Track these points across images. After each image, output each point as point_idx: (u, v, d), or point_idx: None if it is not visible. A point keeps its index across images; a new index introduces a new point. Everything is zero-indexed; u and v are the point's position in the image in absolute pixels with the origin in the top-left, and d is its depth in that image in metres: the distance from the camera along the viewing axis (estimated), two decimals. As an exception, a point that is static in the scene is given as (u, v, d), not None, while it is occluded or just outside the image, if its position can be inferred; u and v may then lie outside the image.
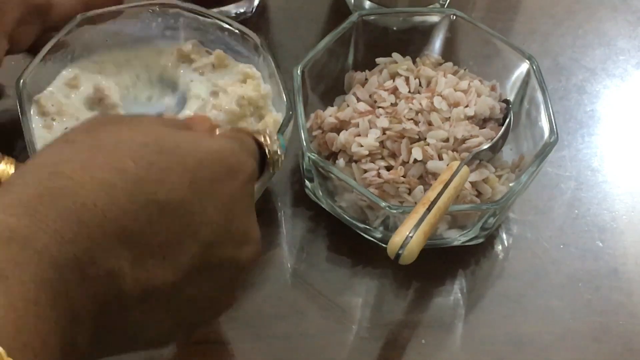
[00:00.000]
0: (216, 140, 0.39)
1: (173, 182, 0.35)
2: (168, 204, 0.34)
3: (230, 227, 0.37)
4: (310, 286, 0.57)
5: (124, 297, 0.33)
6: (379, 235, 0.56)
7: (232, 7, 0.68)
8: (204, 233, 0.36)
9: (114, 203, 0.33)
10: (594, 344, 0.55)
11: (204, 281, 0.37)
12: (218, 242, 0.36)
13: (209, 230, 0.36)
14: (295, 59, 0.58)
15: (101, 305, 0.32)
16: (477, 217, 0.55)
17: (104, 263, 0.32)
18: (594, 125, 0.67)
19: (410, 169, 0.56)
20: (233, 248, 0.38)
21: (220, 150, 0.38)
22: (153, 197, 0.34)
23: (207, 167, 0.36)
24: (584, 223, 0.61)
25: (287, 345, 0.54)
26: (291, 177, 0.62)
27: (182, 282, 0.35)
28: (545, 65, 0.66)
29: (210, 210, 0.36)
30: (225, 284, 0.39)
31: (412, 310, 0.56)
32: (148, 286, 0.34)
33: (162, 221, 0.34)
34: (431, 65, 0.62)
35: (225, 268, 0.38)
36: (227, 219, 0.37)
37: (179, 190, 0.35)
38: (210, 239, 0.36)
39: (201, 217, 0.35)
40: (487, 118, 0.60)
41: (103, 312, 0.32)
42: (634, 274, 0.59)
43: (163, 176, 0.34)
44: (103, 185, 0.33)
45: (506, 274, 0.58)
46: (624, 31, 0.73)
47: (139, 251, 0.33)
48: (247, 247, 0.39)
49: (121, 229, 0.32)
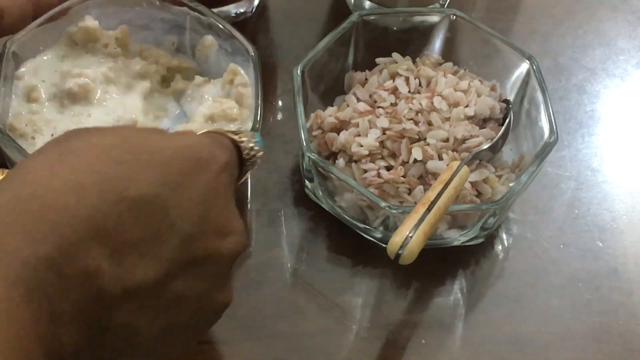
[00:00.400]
0: (187, 136, 0.39)
1: (144, 178, 0.34)
2: (140, 199, 0.34)
3: (208, 218, 0.37)
4: (310, 286, 0.57)
5: (105, 296, 0.33)
6: (379, 235, 0.56)
7: (232, 7, 0.68)
8: (182, 226, 0.35)
9: (85, 203, 0.33)
10: (594, 344, 0.55)
11: (189, 277, 0.36)
12: (198, 234, 0.36)
13: (186, 223, 0.36)
14: (295, 59, 0.58)
15: (82, 305, 0.32)
16: (477, 217, 0.55)
17: (80, 262, 0.32)
18: (594, 125, 0.67)
19: (410, 169, 0.56)
20: (215, 240, 0.37)
21: (189, 145, 0.37)
22: (124, 194, 0.34)
23: (178, 161, 0.36)
24: (584, 223, 0.61)
25: (287, 345, 0.54)
26: (291, 177, 0.62)
27: (165, 278, 0.35)
28: (545, 65, 0.66)
29: (185, 203, 0.36)
30: (214, 279, 0.38)
31: (412, 310, 0.56)
32: (129, 284, 0.34)
33: (136, 217, 0.34)
34: (431, 65, 0.62)
35: (210, 262, 0.37)
36: (204, 210, 0.37)
37: (150, 185, 0.34)
38: (189, 231, 0.36)
39: (176, 211, 0.35)
40: (487, 118, 0.60)
41: (85, 312, 0.32)
42: (634, 274, 0.59)
43: (133, 173, 0.34)
44: (72, 187, 0.33)
45: (506, 274, 0.58)
46: (624, 31, 0.73)
47: (115, 249, 0.33)
48: (229, 238, 0.38)
49: (94, 228, 0.32)
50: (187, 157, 0.37)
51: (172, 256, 0.35)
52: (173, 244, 0.35)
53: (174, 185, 0.35)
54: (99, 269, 0.32)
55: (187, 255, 0.36)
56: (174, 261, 0.35)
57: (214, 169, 0.38)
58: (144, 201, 0.34)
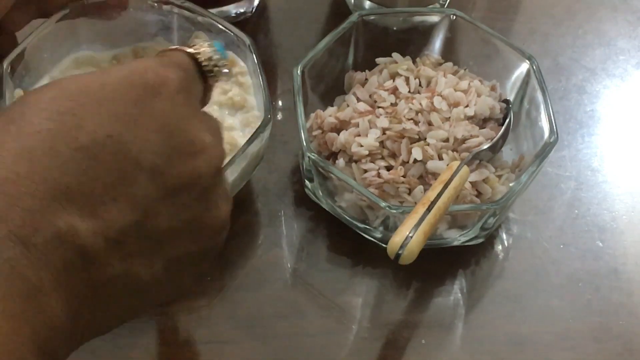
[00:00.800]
0: (127, 65, 0.36)
1: (91, 123, 0.33)
2: (93, 144, 0.32)
3: (173, 142, 0.35)
4: (310, 286, 0.57)
5: (89, 253, 0.32)
6: (379, 235, 0.56)
7: (232, 7, 0.68)
8: (146, 158, 0.34)
9: (37, 165, 0.31)
10: (594, 344, 0.55)
11: (172, 207, 0.35)
12: (165, 163, 0.34)
13: (150, 154, 0.34)
14: (295, 59, 0.58)
15: (66, 270, 0.31)
16: (477, 217, 0.55)
17: (48, 227, 0.30)
18: (594, 125, 0.67)
19: (410, 169, 0.56)
20: (186, 161, 0.35)
21: (133, 72, 0.35)
22: (75, 144, 0.32)
23: (123, 93, 0.34)
24: (584, 223, 0.61)
25: (287, 345, 0.54)
26: (291, 177, 0.62)
27: (145, 216, 0.34)
28: (545, 65, 0.66)
29: (143, 134, 0.34)
30: (201, 201, 0.36)
31: (412, 310, 0.56)
32: (110, 233, 0.32)
33: (95, 164, 0.32)
34: (431, 65, 0.62)
35: (190, 186, 0.35)
36: (165, 135, 0.34)
37: (99, 127, 0.33)
38: (155, 162, 0.34)
39: (135, 145, 0.33)
40: (487, 118, 0.60)
41: (71, 276, 0.31)
42: (634, 274, 0.59)
43: (78, 120, 0.33)
44: (20, 153, 0.31)
45: (506, 274, 0.58)
46: (624, 31, 0.73)
47: (83, 203, 0.32)
48: (202, 156, 0.36)
49: (54, 188, 0.31)
50: (132, 86, 0.35)
51: (145, 192, 0.33)
52: (143, 179, 0.33)
53: (125, 119, 0.33)
54: (72, 228, 0.31)
55: (162, 187, 0.34)
56: (150, 197, 0.34)
57: (165, 91, 0.35)
58: (98, 145, 0.32)
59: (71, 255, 0.31)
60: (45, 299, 0.30)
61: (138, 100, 0.34)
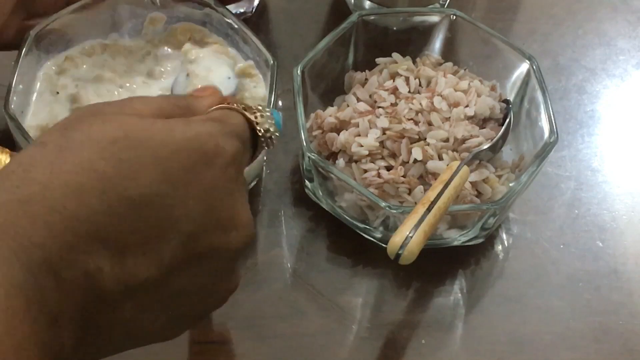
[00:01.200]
0: (193, 126, 0.37)
1: (144, 177, 0.34)
2: (141, 199, 0.33)
3: (213, 215, 0.36)
4: (310, 286, 0.57)
5: (107, 296, 0.33)
6: (379, 235, 0.56)
7: (232, 7, 0.68)
8: (184, 224, 0.35)
9: (84, 204, 0.32)
10: (594, 344, 0.55)
11: (192, 272, 0.36)
12: (200, 231, 0.36)
13: (189, 221, 0.35)
14: (295, 59, 0.58)
15: (83, 307, 0.32)
16: (477, 217, 0.55)
17: (80, 265, 0.32)
18: (594, 125, 0.67)
19: (410, 169, 0.56)
20: (219, 235, 0.37)
21: (195, 137, 0.36)
22: (124, 193, 0.33)
23: (181, 156, 0.35)
24: (584, 223, 0.61)
25: (287, 345, 0.54)
26: (291, 177, 0.62)
27: (168, 275, 0.35)
28: (545, 65, 0.66)
29: (188, 201, 0.35)
30: (219, 272, 0.38)
31: (412, 310, 0.56)
32: (131, 282, 0.33)
33: (137, 217, 0.33)
34: (431, 65, 0.62)
35: (216, 256, 0.37)
36: (209, 206, 0.36)
37: (151, 184, 0.34)
38: (192, 229, 0.35)
39: (179, 209, 0.35)
40: (487, 118, 0.60)
41: (86, 313, 0.32)
42: (634, 274, 0.59)
43: (133, 172, 0.34)
44: (72, 188, 0.32)
45: (506, 274, 0.58)
46: (624, 31, 0.73)
47: (116, 249, 0.33)
48: (235, 232, 0.37)
49: (94, 230, 0.32)
50: (191, 151, 0.36)
51: (174, 254, 0.35)
52: (175, 242, 0.35)
53: (176, 182, 0.35)
54: (99, 271, 0.32)
55: (190, 252, 0.35)
56: (177, 258, 0.35)
57: (219, 162, 0.37)
58: (145, 201, 0.34)
59: (91, 295, 0.32)
60: (59, 331, 0.31)
61: (193, 167, 0.35)
